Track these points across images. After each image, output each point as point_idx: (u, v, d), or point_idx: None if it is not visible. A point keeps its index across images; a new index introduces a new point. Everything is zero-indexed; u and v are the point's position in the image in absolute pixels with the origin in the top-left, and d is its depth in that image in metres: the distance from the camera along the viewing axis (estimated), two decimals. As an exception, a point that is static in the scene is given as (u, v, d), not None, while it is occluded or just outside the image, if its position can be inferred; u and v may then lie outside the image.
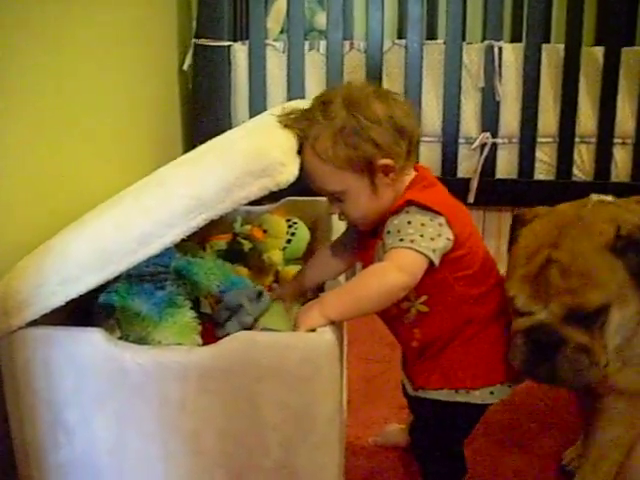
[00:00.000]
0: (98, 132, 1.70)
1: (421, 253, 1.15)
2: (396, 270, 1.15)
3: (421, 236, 1.16)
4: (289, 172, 1.05)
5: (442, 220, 1.19)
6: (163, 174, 1.20)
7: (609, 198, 1.35)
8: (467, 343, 1.28)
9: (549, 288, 1.19)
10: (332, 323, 1.11)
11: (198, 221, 1.04)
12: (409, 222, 1.17)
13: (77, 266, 1.07)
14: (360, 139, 1.18)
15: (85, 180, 1.61)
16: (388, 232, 1.19)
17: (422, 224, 1.17)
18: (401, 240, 1.16)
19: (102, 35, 1.73)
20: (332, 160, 1.19)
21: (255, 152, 1.04)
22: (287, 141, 1.12)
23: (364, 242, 1.31)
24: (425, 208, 1.18)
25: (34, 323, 1.10)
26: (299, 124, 1.22)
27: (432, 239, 1.17)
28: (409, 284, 1.16)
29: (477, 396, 1.27)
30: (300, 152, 1.20)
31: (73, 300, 1.09)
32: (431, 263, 1.17)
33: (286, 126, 1.22)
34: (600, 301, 1.18)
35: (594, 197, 1.35)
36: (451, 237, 1.19)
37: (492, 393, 1.28)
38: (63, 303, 1.08)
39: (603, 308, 1.19)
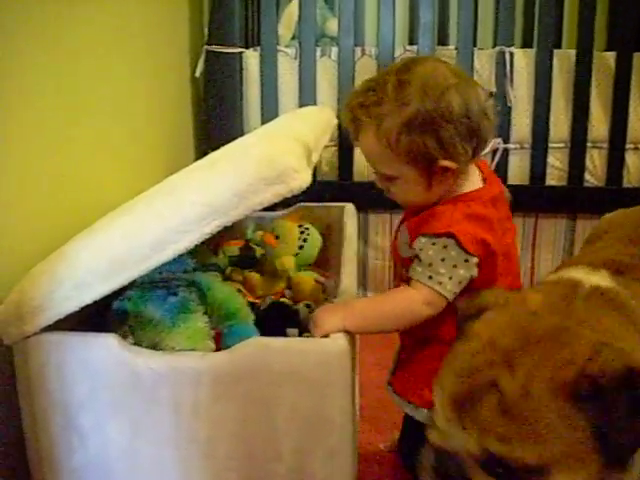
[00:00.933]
0: (110, 139, 1.71)
1: (443, 296, 1.15)
2: (424, 304, 1.15)
3: (450, 278, 1.15)
4: (302, 178, 1.05)
5: (475, 261, 1.16)
6: (176, 181, 1.21)
7: (608, 284, 1.02)
8: (433, 362, 1.20)
9: (478, 420, 0.88)
10: (347, 332, 1.12)
11: (211, 227, 1.04)
12: (443, 259, 1.15)
13: (90, 273, 1.08)
14: (428, 135, 1.13)
15: (97, 187, 1.61)
16: (419, 258, 1.17)
17: (454, 265, 1.15)
18: (430, 278, 1.15)
19: (113, 42, 1.74)
20: (393, 147, 1.15)
21: (268, 159, 1.04)
22: (300, 147, 1.12)
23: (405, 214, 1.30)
24: (463, 248, 1.14)
25: (48, 329, 1.10)
26: (367, 98, 1.17)
27: (459, 282, 1.16)
28: (431, 315, 1.17)
29: (424, 414, 1.25)
30: (356, 122, 1.18)
31: (86, 307, 1.10)
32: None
33: (350, 100, 1.19)
34: (537, 462, 0.85)
35: (589, 283, 1.01)
36: (475, 275, 1.17)
37: None
38: (77, 309, 1.09)
39: (539, 469, 0.85)
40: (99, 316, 1.22)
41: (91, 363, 1.11)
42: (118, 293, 1.18)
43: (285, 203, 1.62)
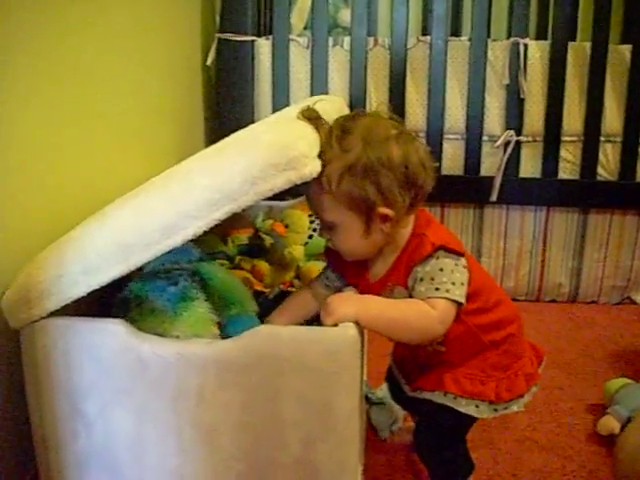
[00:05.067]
0: (121, 128, 1.71)
1: (455, 302, 1.16)
2: (440, 323, 1.16)
3: (453, 284, 1.16)
4: (313, 165, 1.04)
5: (464, 261, 1.20)
6: (187, 166, 1.20)
7: None
8: (470, 358, 1.30)
9: None
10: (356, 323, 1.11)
11: (221, 213, 1.03)
12: (441, 269, 1.17)
13: (99, 256, 1.07)
14: (368, 181, 1.14)
15: (109, 174, 1.61)
16: (421, 279, 1.18)
17: (452, 270, 1.17)
18: (437, 289, 1.16)
19: (126, 30, 1.74)
20: (333, 192, 1.15)
21: (280, 145, 1.03)
22: (312, 134, 1.10)
23: (355, 271, 1.29)
24: (451, 251, 1.18)
25: (55, 314, 1.10)
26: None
27: (462, 284, 1.18)
28: (442, 334, 1.19)
29: (462, 405, 1.27)
30: None
31: (91, 298, 1.09)
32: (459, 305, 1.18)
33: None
34: None
35: None
36: (468, 277, 1.21)
37: (477, 407, 1.28)
38: (85, 294, 1.08)
39: None
40: (103, 307, 1.21)
41: (98, 349, 1.11)
42: (124, 283, 1.18)
43: (295, 192, 1.60)
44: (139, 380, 1.11)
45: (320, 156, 1.10)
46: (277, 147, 1.03)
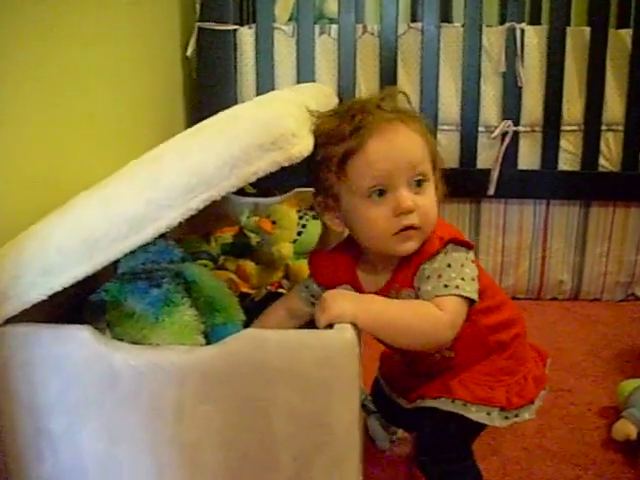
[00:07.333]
0: (98, 121, 1.63)
1: (467, 298, 1.08)
2: (450, 327, 1.07)
3: (463, 279, 1.08)
4: (303, 144, 0.93)
5: (472, 256, 1.14)
6: (159, 149, 1.08)
7: None
8: (477, 362, 1.22)
9: None
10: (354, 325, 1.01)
11: (199, 201, 0.92)
12: (449, 265, 1.09)
13: (61, 254, 0.96)
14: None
15: (85, 168, 1.53)
16: (427, 277, 1.09)
17: (461, 265, 1.10)
18: (445, 286, 1.07)
19: (100, 20, 1.65)
20: (426, 140, 1.12)
21: (263, 122, 0.92)
22: (301, 112, 1.00)
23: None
24: (461, 244, 1.12)
25: (13, 320, 1.00)
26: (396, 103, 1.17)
27: (472, 279, 1.10)
28: (452, 339, 1.09)
29: (472, 412, 1.19)
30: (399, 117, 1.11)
31: (61, 298, 0.99)
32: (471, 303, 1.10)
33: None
34: None
35: None
36: (477, 271, 1.13)
37: (488, 414, 1.19)
38: (46, 297, 0.98)
39: None
40: (75, 313, 1.12)
41: (62, 359, 1.01)
42: (95, 285, 1.10)
43: (282, 188, 1.50)
44: (110, 393, 1.01)
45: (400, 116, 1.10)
46: (261, 124, 0.92)
